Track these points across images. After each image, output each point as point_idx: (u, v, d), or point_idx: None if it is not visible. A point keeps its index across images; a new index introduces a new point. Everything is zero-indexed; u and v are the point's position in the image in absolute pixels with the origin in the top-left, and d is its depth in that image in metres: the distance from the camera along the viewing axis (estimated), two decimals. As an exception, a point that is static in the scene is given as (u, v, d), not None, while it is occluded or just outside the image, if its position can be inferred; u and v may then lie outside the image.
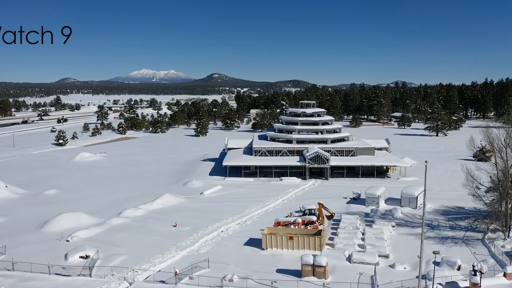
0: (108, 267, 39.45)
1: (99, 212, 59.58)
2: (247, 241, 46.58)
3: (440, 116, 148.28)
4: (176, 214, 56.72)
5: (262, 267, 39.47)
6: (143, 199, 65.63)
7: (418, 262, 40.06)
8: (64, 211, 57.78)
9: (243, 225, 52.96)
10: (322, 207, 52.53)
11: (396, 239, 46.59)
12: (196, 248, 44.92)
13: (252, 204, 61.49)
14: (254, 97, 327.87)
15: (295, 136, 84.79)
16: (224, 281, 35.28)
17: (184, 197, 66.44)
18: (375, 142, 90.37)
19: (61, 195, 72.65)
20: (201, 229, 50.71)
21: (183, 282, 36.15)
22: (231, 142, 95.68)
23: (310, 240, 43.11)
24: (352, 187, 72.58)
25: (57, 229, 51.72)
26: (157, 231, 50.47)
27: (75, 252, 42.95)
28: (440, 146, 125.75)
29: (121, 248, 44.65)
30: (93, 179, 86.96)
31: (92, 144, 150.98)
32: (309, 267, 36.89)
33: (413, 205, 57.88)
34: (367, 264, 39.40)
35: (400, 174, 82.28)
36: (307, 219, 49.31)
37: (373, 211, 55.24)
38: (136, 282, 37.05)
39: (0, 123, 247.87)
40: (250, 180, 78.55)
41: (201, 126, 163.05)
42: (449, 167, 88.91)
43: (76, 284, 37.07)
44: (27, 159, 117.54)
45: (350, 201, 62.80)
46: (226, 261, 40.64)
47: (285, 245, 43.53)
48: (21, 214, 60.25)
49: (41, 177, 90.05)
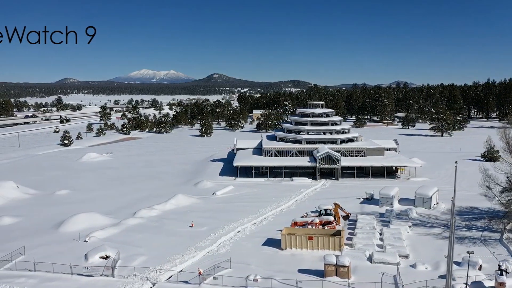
0: (130, 268, 39.57)
1: (113, 213, 59.67)
2: (265, 241, 46.70)
3: (445, 117, 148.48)
4: (191, 215, 56.82)
5: (283, 267, 39.58)
6: (156, 200, 65.72)
7: (439, 262, 40.50)
8: (78, 211, 57.86)
9: (259, 225, 53.07)
10: (338, 208, 52.64)
11: (414, 239, 46.72)
12: (215, 249, 45.03)
13: (265, 205, 61.59)
14: (256, 97, 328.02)
15: (305, 137, 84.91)
16: (249, 281, 35.39)
17: (197, 198, 66.53)
18: (383, 142, 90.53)
19: (73, 196, 72.74)
20: (218, 229, 50.80)
21: (207, 282, 36.25)
22: (240, 142, 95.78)
23: (329, 240, 43.23)
24: (363, 187, 72.74)
25: (73, 229, 51.81)
26: (174, 231, 50.55)
27: (95, 252, 43.01)
28: (446, 146, 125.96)
29: (140, 249, 44.74)
30: (103, 180, 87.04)
31: (97, 144, 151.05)
32: (332, 267, 37.02)
33: (427, 205, 58.03)
34: (388, 264, 39.55)
35: (410, 175, 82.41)
36: (325, 219, 49.45)
37: (388, 211, 55.37)
38: (159, 283, 37.17)
39: (3, 123, 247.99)
40: (261, 180, 78.67)
41: (206, 127, 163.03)
42: (458, 167, 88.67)
43: (99, 284, 37.15)
44: (34, 159, 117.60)
45: (363, 202, 62.93)
46: (247, 261, 40.73)
47: (305, 245, 43.65)
48: (35, 215, 60.35)
49: (50, 178, 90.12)
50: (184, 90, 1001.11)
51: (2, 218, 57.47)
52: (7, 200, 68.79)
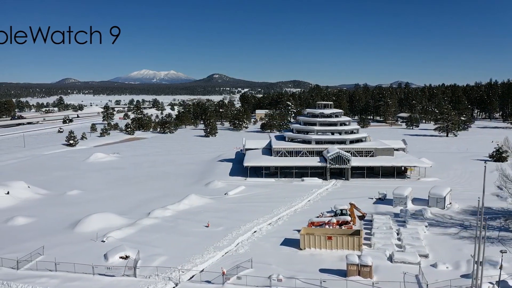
0: (150, 268, 39.62)
1: (127, 213, 59.70)
2: (283, 241, 46.77)
3: (450, 117, 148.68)
4: (206, 215, 56.87)
5: (304, 267, 39.65)
6: (168, 200, 65.76)
7: (459, 262, 40.60)
8: (90, 211, 57.91)
9: (274, 225, 53.14)
10: (354, 208, 52.76)
11: (431, 239, 46.78)
12: (234, 249, 45.10)
13: (279, 205, 61.66)
14: (258, 97, 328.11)
15: (314, 137, 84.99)
16: (273, 281, 35.47)
17: (209, 198, 66.58)
18: (392, 142, 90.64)
19: (84, 196, 72.79)
20: (234, 229, 50.85)
21: (230, 282, 36.31)
22: (249, 142, 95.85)
23: (349, 240, 43.32)
24: (374, 187, 72.83)
25: (89, 229, 51.85)
26: (190, 231, 50.61)
27: (115, 252, 43.04)
28: (452, 146, 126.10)
29: (158, 249, 44.77)
30: (112, 180, 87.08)
31: (102, 144, 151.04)
32: (355, 266, 37.12)
33: (441, 205, 58.12)
34: (408, 263, 39.63)
35: (420, 175, 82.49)
36: (342, 219, 49.54)
37: (403, 211, 55.42)
38: (181, 283, 37.22)
39: (6, 123, 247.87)
40: (272, 180, 78.74)
41: (211, 127, 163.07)
42: (466, 167, 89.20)
43: (122, 284, 37.20)
44: (40, 159, 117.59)
45: (376, 202, 63.02)
46: (267, 261, 40.79)
47: (324, 245, 43.72)
48: (48, 215, 60.37)
49: (59, 178, 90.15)
50: (185, 90, 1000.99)
51: (17, 218, 57.54)
52: (19, 200, 68.82)
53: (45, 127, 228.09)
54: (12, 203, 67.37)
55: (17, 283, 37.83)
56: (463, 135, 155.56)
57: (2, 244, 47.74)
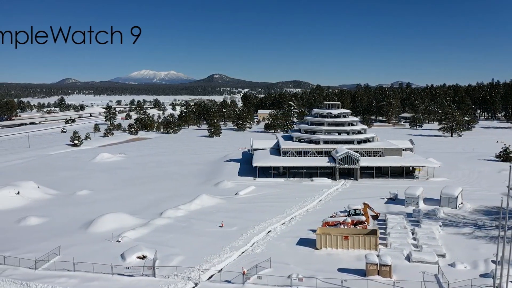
0: (168, 267, 39.65)
1: (139, 213, 59.72)
2: (298, 241, 46.82)
3: (455, 117, 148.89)
4: (218, 215, 56.93)
5: (322, 266, 39.71)
6: (178, 200, 65.82)
7: (477, 261, 40.66)
8: (101, 211, 58.00)
9: (288, 225, 53.20)
10: (367, 207, 52.85)
11: (446, 238, 46.80)
12: (250, 249, 45.15)
13: (290, 205, 61.71)
14: (260, 97, 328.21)
15: (323, 137, 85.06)
16: (294, 280, 35.52)
17: (220, 198, 66.63)
18: (400, 142, 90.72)
19: (93, 196, 72.82)
20: (248, 229, 50.88)
21: (250, 282, 36.36)
22: (256, 142, 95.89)
23: (365, 239, 43.39)
24: (383, 187, 72.95)
25: (102, 229, 51.89)
26: (204, 231, 50.65)
27: (132, 252, 43.07)
28: (457, 146, 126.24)
29: (174, 249, 44.80)
30: (120, 180, 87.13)
31: (107, 144, 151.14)
32: (374, 266, 37.17)
33: (453, 205, 58.20)
34: (426, 263, 39.70)
35: (428, 175, 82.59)
36: (356, 219, 49.62)
37: (416, 211, 55.51)
38: (201, 282, 37.26)
39: (8, 123, 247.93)
40: (281, 180, 78.81)
41: (215, 127, 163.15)
42: (474, 167, 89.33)
43: (141, 284, 37.23)
44: (45, 159, 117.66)
45: (388, 202, 63.08)
46: (285, 261, 40.83)
47: (340, 245, 43.78)
48: (60, 215, 60.40)
49: (66, 178, 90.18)
50: (185, 90, 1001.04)
51: (29, 218, 57.57)
52: (29, 200, 68.85)
53: (48, 127, 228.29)
54: (23, 203, 67.41)
55: (36, 283, 37.85)
56: (467, 135, 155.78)
57: (17, 244, 47.75)
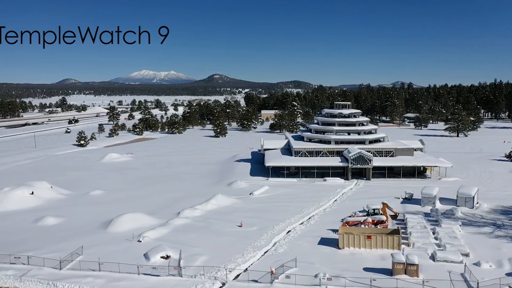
0: (193, 267, 39.70)
1: (155, 213, 59.70)
2: (320, 240, 46.90)
3: (461, 117, 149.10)
4: (236, 215, 56.97)
5: (348, 266, 39.78)
6: (193, 200, 65.84)
7: (501, 260, 40.72)
8: (117, 211, 58.07)
9: (307, 225, 53.24)
10: (386, 207, 52.92)
11: (467, 238, 46.88)
12: (273, 248, 45.20)
13: (306, 204, 61.75)
14: (263, 98, 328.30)
15: (334, 137, 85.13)
16: (322, 280, 35.58)
17: (236, 198, 66.66)
18: (410, 142, 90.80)
19: (107, 196, 72.76)
20: (268, 229, 50.91)
21: (278, 281, 36.40)
22: (267, 143, 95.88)
23: (388, 239, 43.46)
24: (397, 187, 73.08)
25: (121, 229, 51.91)
26: (224, 231, 50.67)
27: (156, 252, 43.08)
28: (465, 146, 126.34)
29: (197, 248, 44.82)
30: (131, 180, 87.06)
31: (113, 145, 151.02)
32: (401, 265, 37.25)
33: (470, 205, 58.28)
34: (451, 262, 39.78)
35: (440, 175, 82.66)
36: (377, 218, 49.69)
37: (434, 211, 55.60)
38: (229, 282, 37.29)
39: (11, 124, 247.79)
40: (294, 180, 78.85)
41: (221, 127, 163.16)
42: (485, 167, 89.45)
43: (169, 284, 37.25)
44: (53, 159, 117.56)
45: (403, 201, 63.16)
46: (309, 261, 40.89)
47: (363, 244, 43.85)
48: (76, 215, 60.35)
49: (77, 178, 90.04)
50: (185, 90, 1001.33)
51: (46, 219, 57.52)
52: (44, 200, 68.81)
53: (51, 127, 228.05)
54: (37, 203, 67.37)
55: (62, 283, 37.90)
56: (473, 135, 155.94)
57: (38, 244, 47.71)
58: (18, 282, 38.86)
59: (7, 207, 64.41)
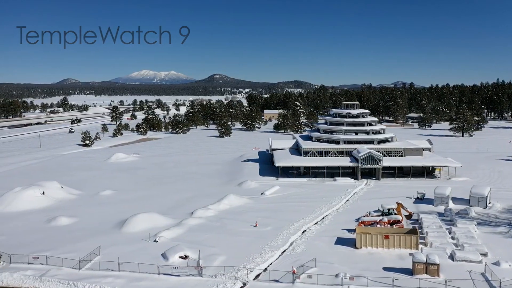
0: (213, 267, 39.72)
1: (168, 213, 59.68)
2: (336, 240, 46.93)
3: (466, 117, 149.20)
4: (249, 215, 57.00)
5: (367, 265, 39.81)
6: (204, 200, 65.87)
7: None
8: (130, 211, 58.11)
9: (321, 224, 53.25)
10: (401, 207, 52.95)
11: (484, 237, 46.91)
12: (290, 248, 45.22)
13: (319, 204, 61.75)
14: (265, 97, 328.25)
15: (343, 137, 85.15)
16: (345, 280, 35.61)
17: (247, 198, 66.66)
18: (418, 142, 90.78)
19: (118, 196, 72.74)
20: (283, 229, 50.93)
21: (300, 281, 36.41)
22: (275, 143, 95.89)
23: (406, 238, 43.49)
24: (407, 187, 73.12)
25: (136, 229, 51.92)
26: (239, 231, 50.67)
27: (174, 252, 43.09)
28: (471, 146, 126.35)
29: (214, 248, 44.83)
30: (140, 180, 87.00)
31: (118, 145, 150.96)
32: (422, 265, 37.29)
33: (483, 205, 58.33)
34: (470, 262, 39.81)
35: (449, 175, 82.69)
36: (393, 218, 49.71)
37: (447, 211, 55.63)
38: (249, 282, 37.29)
39: (14, 123, 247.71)
40: (304, 180, 78.87)
41: (225, 127, 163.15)
42: (493, 167, 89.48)
43: (190, 284, 37.26)
44: (60, 159, 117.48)
45: (416, 201, 63.18)
46: (328, 260, 40.92)
47: (380, 244, 43.88)
48: (88, 215, 60.31)
49: (85, 178, 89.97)
50: (186, 90, 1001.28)
51: (59, 219, 57.46)
52: (55, 200, 68.79)
53: (54, 127, 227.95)
54: (49, 203, 67.33)
55: (83, 283, 37.91)
56: (478, 135, 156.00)
57: (53, 244, 47.68)
58: (38, 282, 38.88)
59: (19, 207, 64.40)
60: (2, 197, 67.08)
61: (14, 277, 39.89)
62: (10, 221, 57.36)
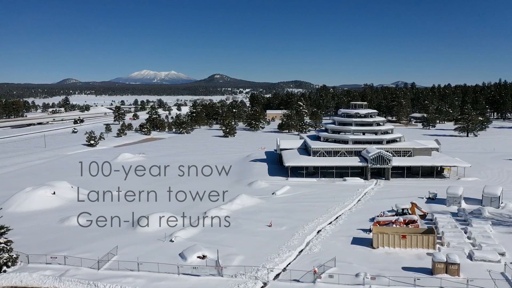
0: (232, 267, 39.76)
1: (181, 213, 59.55)
2: (353, 240, 47.01)
3: (471, 117, 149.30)
4: (263, 215, 57.11)
5: (386, 265, 39.89)
6: (215, 199, 65.91)
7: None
8: (142, 211, 58.21)
9: (336, 224, 53.32)
10: (415, 207, 53.02)
11: (500, 237, 46.98)
12: (307, 248, 45.28)
13: (331, 204, 61.82)
14: (267, 97, 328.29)
15: (352, 137, 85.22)
16: (366, 279, 35.66)
17: (259, 198, 66.70)
18: (426, 142, 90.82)
19: (128, 196, 72.48)
20: (298, 229, 51.00)
21: (321, 281, 36.47)
22: (283, 143, 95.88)
23: (423, 238, 43.55)
24: (417, 187, 73.24)
25: (151, 229, 52.04)
26: (255, 231, 50.72)
27: (192, 252, 43.14)
28: (477, 146, 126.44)
29: (232, 248, 44.87)
30: (149, 180, 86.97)
31: (122, 145, 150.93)
32: (442, 264, 37.36)
33: (495, 205, 58.42)
34: (489, 261, 39.89)
35: (458, 175, 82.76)
36: (409, 218, 49.78)
37: (461, 211, 55.70)
38: (270, 282, 37.33)
39: (16, 123, 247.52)
40: (313, 180, 78.90)
41: (230, 127, 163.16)
42: (502, 167, 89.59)
43: (210, 284, 37.30)
44: (66, 159, 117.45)
45: (428, 201, 63.25)
46: (347, 260, 40.99)
47: (397, 244, 43.94)
48: (101, 215, 59.97)
49: (93, 178, 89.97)
50: (186, 90, 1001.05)
51: (72, 219, 57.41)
52: (66, 200, 68.80)
53: (57, 127, 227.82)
54: (60, 203, 67.37)
55: (103, 283, 37.93)
56: (483, 135, 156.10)
57: (69, 244, 47.73)
58: (57, 282, 38.90)
59: (30, 207, 64.42)
60: (13, 197, 67.14)
61: (34, 277, 39.92)
62: (23, 221, 57.31)
